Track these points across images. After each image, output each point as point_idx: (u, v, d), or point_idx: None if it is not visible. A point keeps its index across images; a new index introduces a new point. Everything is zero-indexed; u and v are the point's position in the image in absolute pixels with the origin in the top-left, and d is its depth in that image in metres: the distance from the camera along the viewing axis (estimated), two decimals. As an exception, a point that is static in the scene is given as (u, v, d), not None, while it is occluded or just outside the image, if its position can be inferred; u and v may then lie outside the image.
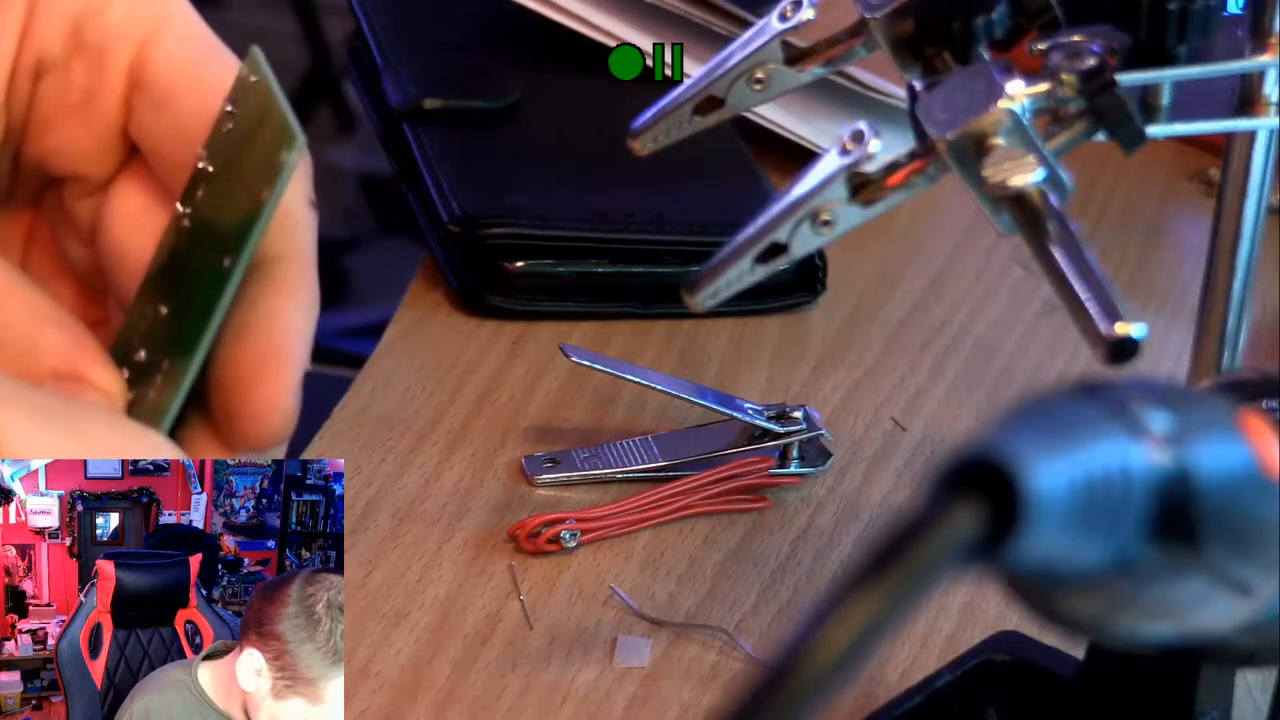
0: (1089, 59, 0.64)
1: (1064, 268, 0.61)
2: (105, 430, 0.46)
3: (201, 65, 0.51)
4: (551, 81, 1.03)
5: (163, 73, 0.51)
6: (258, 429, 0.48)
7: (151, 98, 0.51)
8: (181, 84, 0.51)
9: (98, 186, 0.53)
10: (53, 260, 0.55)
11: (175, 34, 0.52)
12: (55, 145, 0.53)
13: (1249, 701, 0.63)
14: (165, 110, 0.51)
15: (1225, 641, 0.47)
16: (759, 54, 0.72)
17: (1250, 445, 0.42)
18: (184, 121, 0.51)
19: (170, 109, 0.51)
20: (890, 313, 0.95)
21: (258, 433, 0.48)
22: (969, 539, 0.36)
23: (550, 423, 0.86)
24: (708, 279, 0.68)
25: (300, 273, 0.50)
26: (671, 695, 0.73)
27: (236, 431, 0.49)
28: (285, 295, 0.49)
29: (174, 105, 0.51)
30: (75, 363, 0.48)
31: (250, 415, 0.48)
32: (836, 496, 0.83)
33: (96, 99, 0.52)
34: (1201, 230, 0.78)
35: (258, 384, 0.48)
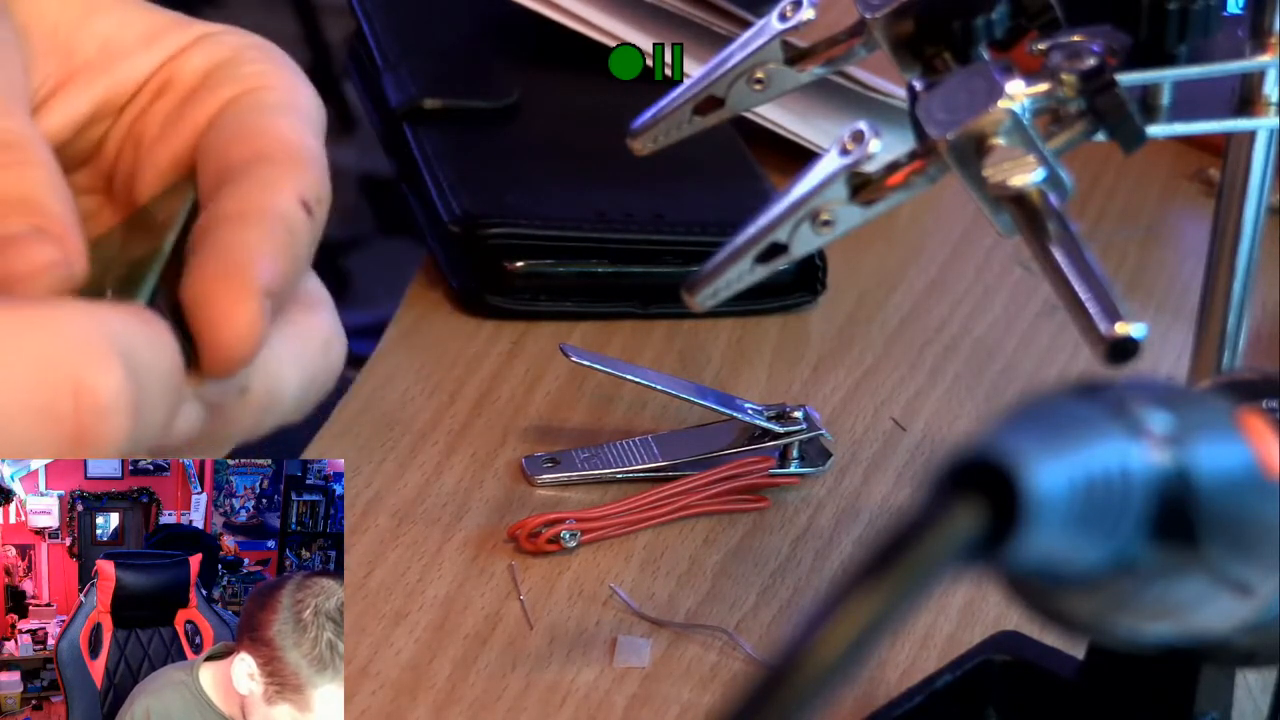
0: (1089, 59, 0.64)
1: (1064, 268, 0.61)
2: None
3: (269, 120, 0.52)
4: (551, 81, 1.03)
5: (263, 100, 0.52)
6: (213, 347, 0.47)
7: (235, 111, 0.52)
8: (269, 110, 0.52)
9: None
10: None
11: (277, 95, 0.52)
12: (136, 160, 0.53)
13: (1249, 701, 0.63)
14: (238, 123, 0.52)
15: (1225, 641, 0.47)
16: (759, 54, 0.72)
17: (1250, 445, 0.42)
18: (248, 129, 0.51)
19: (216, 142, 0.52)
20: (890, 313, 0.95)
21: (213, 352, 0.47)
22: (969, 539, 0.36)
23: (550, 423, 0.86)
24: (708, 279, 0.68)
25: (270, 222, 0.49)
26: (671, 695, 0.73)
27: (201, 353, 0.48)
28: (249, 227, 0.49)
29: (221, 138, 0.52)
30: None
31: (204, 334, 0.47)
32: (836, 496, 0.83)
33: (182, 121, 0.53)
34: (1201, 230, 0.78)
35: (215, 302, 0.47)
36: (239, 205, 0.49)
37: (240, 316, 0.47)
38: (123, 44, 0.54)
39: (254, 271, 0.47)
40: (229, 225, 0.49)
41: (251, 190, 0.49)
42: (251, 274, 0.47)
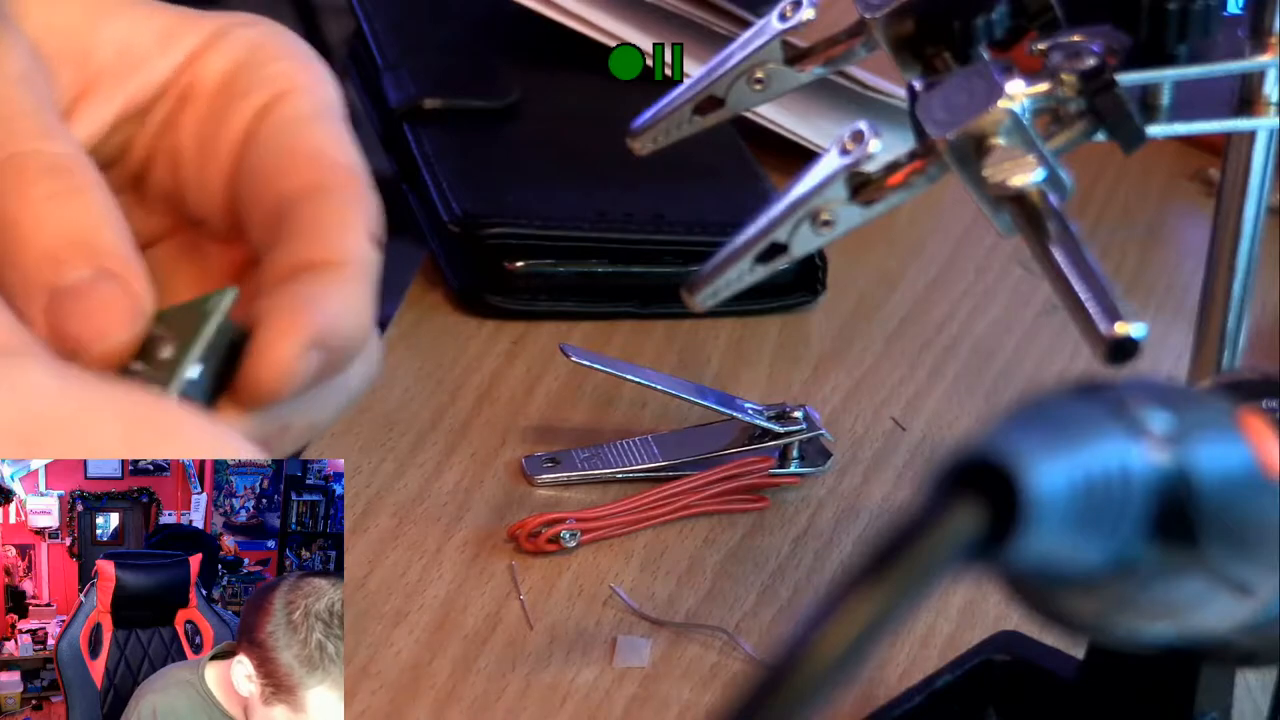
0: (1089, 59, 0.64)
1: (1064, 268, 0.61)
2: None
3: (325, 115, 0.52)
4: (551, 81, 1.03)
5: (294, 111, 0.52)
6: (255, 373, 0.48)
7: (273, 129, 0.52)
8: (307, 123, 0.52)
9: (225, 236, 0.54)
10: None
11: (306, 98, 0.53)
12: (175, 176, 0.54)
13: (1249, 701, 0.63)
14: (282, 140, 0.52)
15: (1225, 641, 0.47)
16: (759, 54, 0.72)
17: (1250, 445, 0.42)
18: (296, 147, 0.52)
19: (286, 139, 0.52)
20: (890, 313, 0.95)
21: (254, 378, 0.48)
22: (969, 539, 0.36)
23: (550, 423, 0.86)
24: (708, 279, 0.68)
25: (350, 274, 0.50)
26: (671, 695, 0.73)
27: (241, 382, 0.49)
28: (327, 281, 0.50)
29: (293, 136, 0.52)
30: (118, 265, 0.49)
31: (254, 360, 0.48)
32: (836, 496, 0.83)
33: (224, 131, 0.53)
34: (1201, 230, 0.78)
35: (269, 329, 0.48)
36: (320, 253, 0.50)
37: (285, 356, 0.48)
38: (139, 48, 0.54)
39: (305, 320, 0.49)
40: (311, 277, 0.49)
41: (329, 236, 0.50)
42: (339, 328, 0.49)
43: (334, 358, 0.49)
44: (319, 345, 0.49)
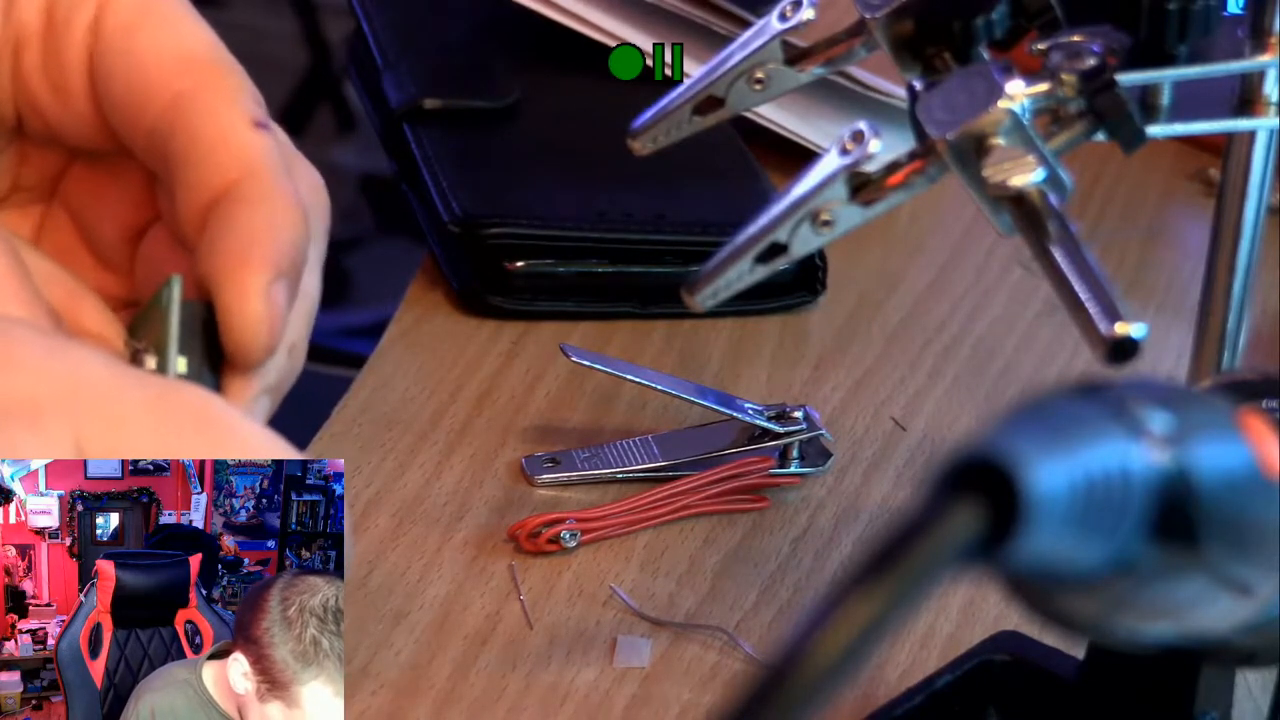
0: (1089, 59, 0.64)
1: (1064, 268, 0.61)
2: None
3: (153, 10, 0.52)
4: (551, 81, 1.03)
5: (119, 20, 0.52)
6: (236, 339, 0.49)
7: (110, 49, 0.52)
8: (138, 27, 0.52)
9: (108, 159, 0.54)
10: (69, 250, 0.56)
11: (124, 3, 0.53)
12: (46, 121, 0.54)
13: (1249, 701, 0.63)
14: (125, 59, 0.52)
15: (1225, 641, 0.47)
16: (759, 54, 0.72)
17: (1250, 445, 0.42)
18: (143, 63, 0.52)
19: (128, 57, 0.52)
20: (890, 313, 0.95)
21: (238, 343, 0.49)
22: (969, 539, 0.36)
23: (550, 423, 0.86)
24: (708, 279, 0.68)
25: (258, 186, 0.50)
26: (671, 695, 0.73)
27: (228, 351, 0.49)
28: (243, 207, 0.50)
29: (132, 52, 0.52)
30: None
31: (227, 327, 0.49)
32: (836, 496, 0.83)
33: (66, 64, 0.53)
34: (1201, 230, 0.78)
35: (223, 294, 0.49)
36: (217, 177, 0.50)
37: (253, 305, 0.49)
38: None
39: (258, 259, 0.49)
40: (226, 213, 0.50)
41: (216, 152, 0.50)
42: (257, 262, 0.49)
43: (297, 265, 0.50)
44: (277, 276, 0.49)
